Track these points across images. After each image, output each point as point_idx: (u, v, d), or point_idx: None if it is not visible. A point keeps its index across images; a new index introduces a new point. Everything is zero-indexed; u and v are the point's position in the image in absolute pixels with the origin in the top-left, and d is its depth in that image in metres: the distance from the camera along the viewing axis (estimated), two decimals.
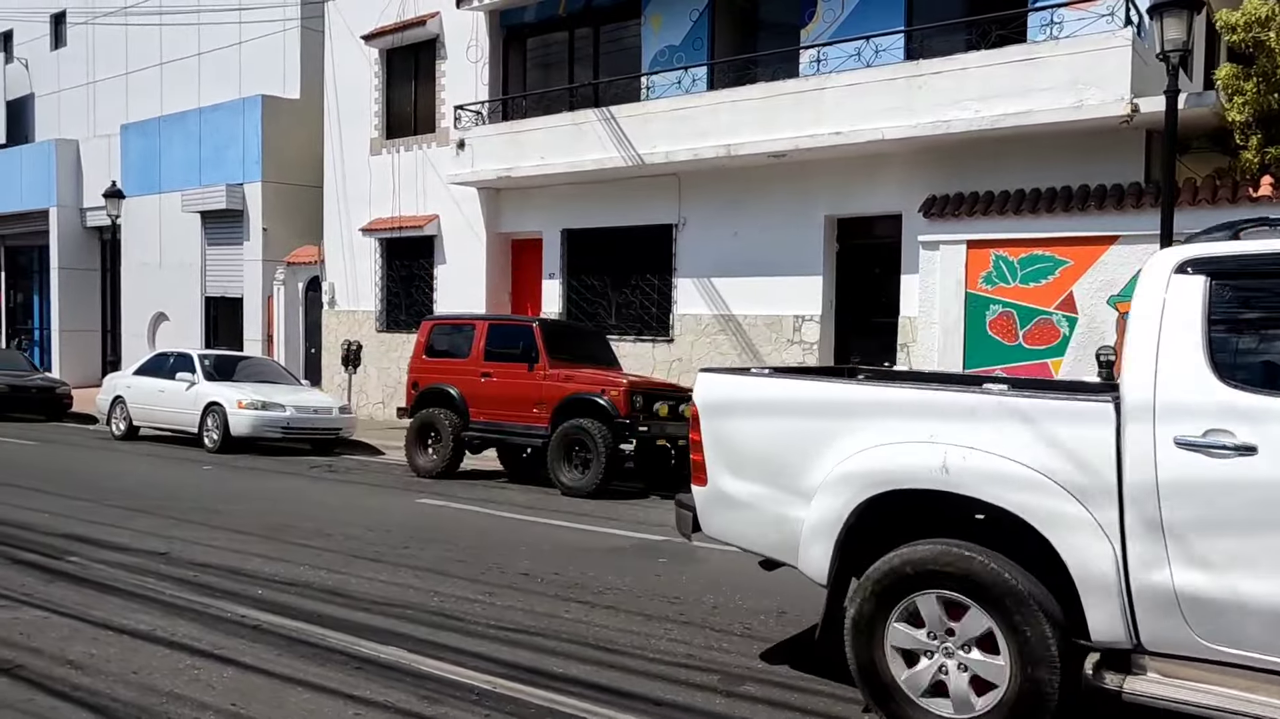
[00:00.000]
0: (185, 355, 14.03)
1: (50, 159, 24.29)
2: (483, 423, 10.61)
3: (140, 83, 23.69)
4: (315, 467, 11.88)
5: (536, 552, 7.06)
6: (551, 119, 14.06)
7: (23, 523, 7.73)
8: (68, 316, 24.51)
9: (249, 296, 19.61)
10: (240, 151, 19.58)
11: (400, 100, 17.03)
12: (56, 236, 24.27)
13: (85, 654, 4.64)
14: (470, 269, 15.88)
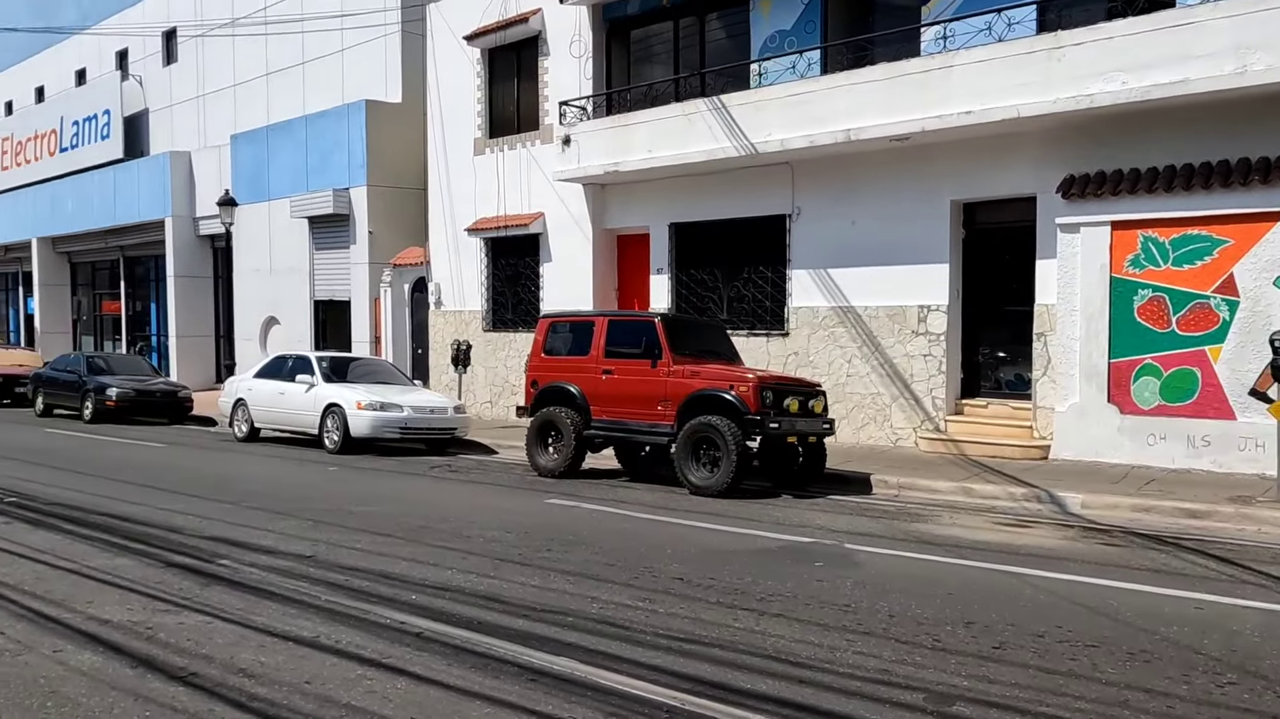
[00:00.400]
0: (304, 358, 14.26)
1: (165, 171, 25.19)
2: (605, 421, 10.41)
3: (248, 94, 24.36)
4: (435, 467, 11.88)
5: (683, 554, 6.79)
6: (659, 111, 13.80)
7: (171, 525, 7.83)
8: (183, 322, 25.39)
9: (356, 299, 19.92)
10: (345, 157, 19.90)
11: (503, 99, 17.02)
12: (172, 245, 25.15)
13: (255, 662, 4.56)
14: (576, 266, 15.75)
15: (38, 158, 31.77)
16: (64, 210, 29.40)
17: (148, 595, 5.75)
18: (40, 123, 31.71)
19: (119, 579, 6.14)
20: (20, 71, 34.15)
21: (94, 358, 19.87)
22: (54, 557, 6.81)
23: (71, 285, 31.96)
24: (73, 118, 29.99)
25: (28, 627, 5.17)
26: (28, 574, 6.31)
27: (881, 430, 12.57)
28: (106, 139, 28.34)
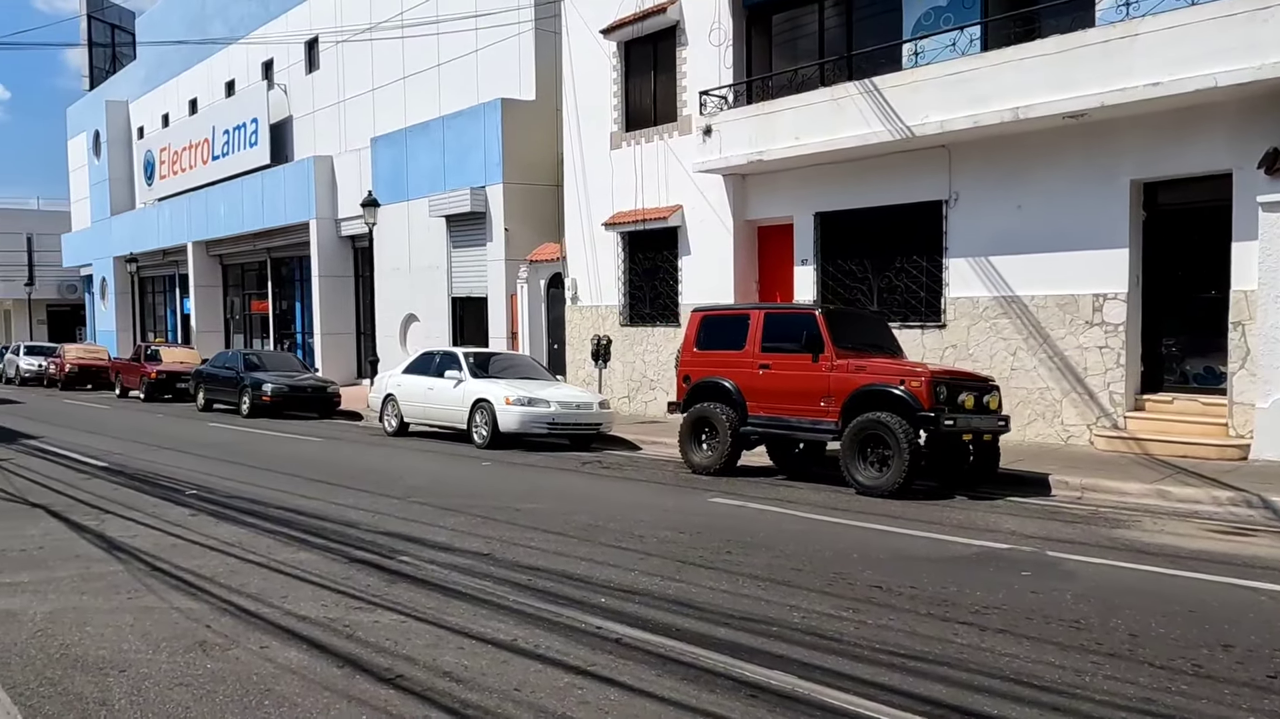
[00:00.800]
0: (450, 354, 14.46)
1: (309, 175, 26.19)
2: (762, 417, 10.09)
3: (385, 97, 25.04)
4: (586, 463, 11.80)
5: (872, 560, 6.42)
6: (805, 96, 13.34)
7: (345, 520, 7.95)
8: (327, 320, 26.36)
9: (493, 295, 20.18)
10: (481, 155, 20.17)
11: (640, 91, 16.86)
12: (316, 246, 26.14)
13: (458, 665, 4.45)
14: (716, 258, 15.45)
15: (192, 166, 33.63)
16: (216, 215, 31.00)
17: (338, 591, 5.77)
18: (194, 133, 33.55)
19: (307, 574, 6.21)
20: (175, 85, 36.22)
21: (249, 355, 20.81)
22: (242, 549, 6.97)
23: (223, 286, 33.72)
24: (223, 127, 31.58)
25: (231, 621, 5.24)
26: (221, 567, 6.46)
27: (1050, 427, 11.80)
28: (254, 146, 29.72)
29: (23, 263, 50.09)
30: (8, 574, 6.49)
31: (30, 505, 9.12)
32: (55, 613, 5.52)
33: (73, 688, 4.33)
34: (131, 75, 40.67)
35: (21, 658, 4.76)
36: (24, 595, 5.92)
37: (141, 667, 4.56)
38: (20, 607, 5.68)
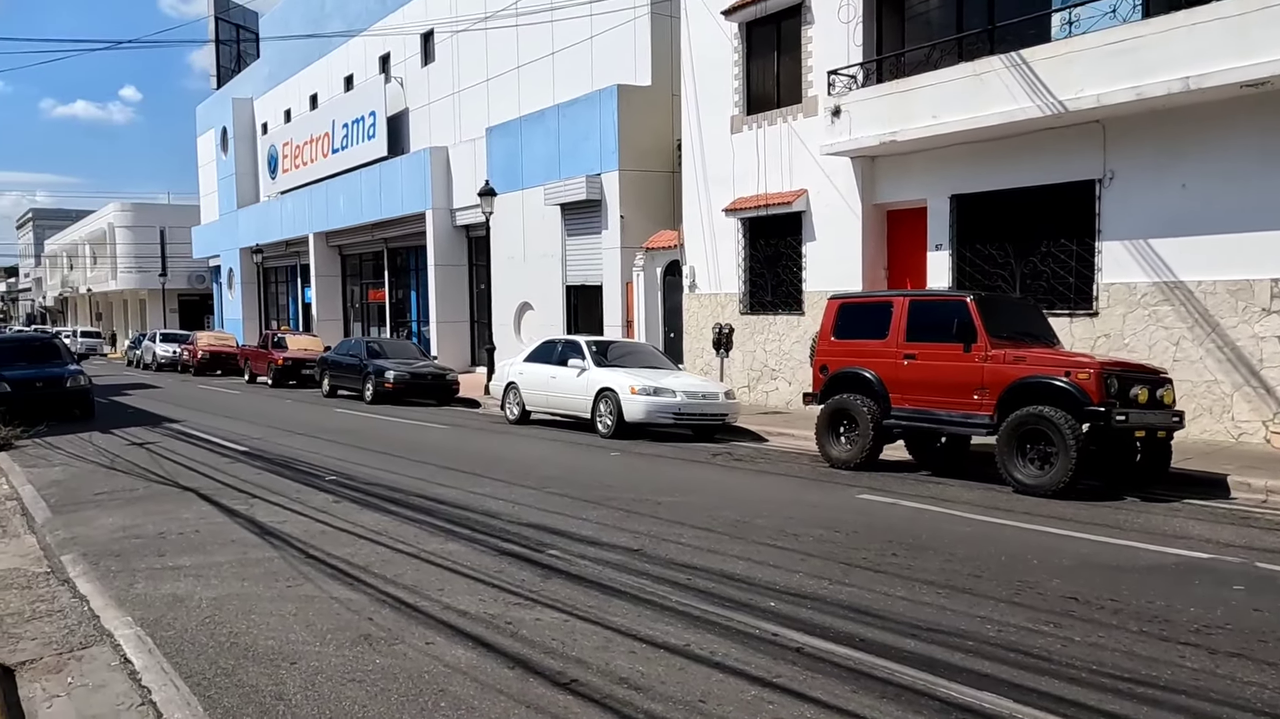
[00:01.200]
0: (573, 342, 14.37)
1: (425, 166, 26.61)
2: (907, 410, 9.58)
3: (500, 87, 25.20)
4: (716, 454, 11.51)
5: (1056, 567, 5.92)
6: (944, 73, 12.67)
7: (486, 510, 7.86)
8: (442, 309, 26.78)
9: (608, 283, 20.06)
10: (596, 143, 20.04)
11: (762, 74, 16.39)
12: (432, 236, 26.56)
13: (633, 671, 4.22)
14: (842, 244, 14.91)
15: (313, 159, 34.69)
16: (336, 207, 31.90)
17: (494, 585, 5.64)
18: (314, 127, 34.59)
19: (459, 566, 6.11)
20: (297, 82, 37.42)
21: (371, 343, 21.27)
22: (390, 538, 6.95)
23: (342, 276, 34.72)
24: (342, 121, 32.44)
25: (392, 614, 5.15)
26: (373, 556, 6.42)
27: (1219, 423, 10.90)
28: (372, 139, 30.41)
29: (156, 254, 52.86)
30: (170, 557, 6.62)
31: (181, 489, 9.39)
32: (220, 599, 5.56)
33: (247, 679, 4.29)
34: (256, 73, 42.25)
35: (194, 645, 4.76)
36: (188, 580, 6.00)
37: (311, 659, 4.50)
38: (186, 591, 5.75)
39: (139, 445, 12.95)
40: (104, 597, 5.74)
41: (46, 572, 6.56)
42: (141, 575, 6.16)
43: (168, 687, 4.23)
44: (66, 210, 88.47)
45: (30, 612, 5.62)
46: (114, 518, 8.07)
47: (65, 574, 6.41)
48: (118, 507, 8.59)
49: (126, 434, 14.38)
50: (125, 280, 55.33)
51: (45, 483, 10.19)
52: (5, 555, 7.13)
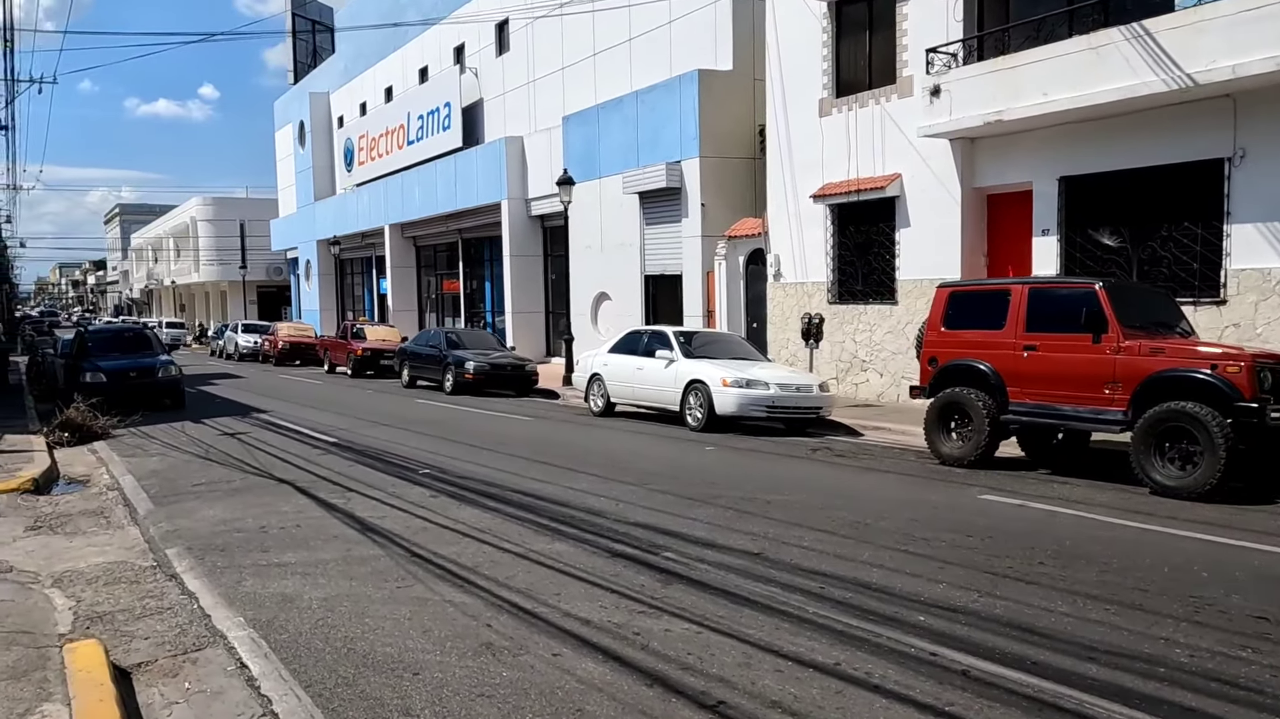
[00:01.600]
0: (660, 333, 14.03)
1: (500, 156, 26.53)
2: (1027, 405, 9.01)
3: (575, 76, 24.95)
4: (816, 450, 11.06)
5: (1231, 580, 5.38)
6: (1057, 47, 11.95)
7: (588, 507, 7.58)
8: (518, 299, 26.71)
9: (688, 273, 19.68)
10: (676, 129, 19.64)
11: (852, 54, 15.79)
12: (508, 226, 26.49)
13: (786, 693, 3.86)
14: (939, 230, 14.27)
15: (388, 151, 34.98)
16: (411, 198, 32.09)
17: (612, 590, 5.33)
18: (389, 119, 34.85)
19: (571, 568, 5.82)
20: (372, 75, 37.78)
21: (450, 334, 21.25)
22: (494, 537, 6.70)
23: (416, 267, 34.99)
24: (417, 112, 32.60)
25: (511, 621, 4.88)
26: (480, 557, 6.18)
27: None
28: (447, 130, 30.48)
29: (236, 247, 54.15)
30: (275, 553, 6.48)
31: (277, 481, 9.32)
32: (330, 600, 5.36)
33: (369, 690, 4.05)
34: (332, 68, 42.82)
35: (310, 651, 4.55)
36: (295, 578, 5.83)
37: (434, 670, 4.24)
38: (295, 590, 5.57)
39: (230, 436, 13.03)
40: (213, 594, 5.60)
41: (152, 565, 6.48)
42: (248, 572, 6.02)
43: (289, 697, 4.02)
44: (150, 205, 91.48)
45: (140, 608, 5.50)
46: (215, 510, 8.00)
47: (171, 569, 6.32)
48: (217, 499, 8.54)
49: (217, 424, 14.52)
50: (207, 273, 56.89)
51: (144, 473, 10.25)
52: (111, 548, 7.09)
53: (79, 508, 8.78)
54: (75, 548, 7.14)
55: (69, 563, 6.67)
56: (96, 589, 5.98)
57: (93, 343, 17.97)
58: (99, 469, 10.99)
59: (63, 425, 13.33)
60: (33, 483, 9.66)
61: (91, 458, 11.91)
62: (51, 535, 7.57)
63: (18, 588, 6.04)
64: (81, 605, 5.65)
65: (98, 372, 16.40)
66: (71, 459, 11.88)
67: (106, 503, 8.94)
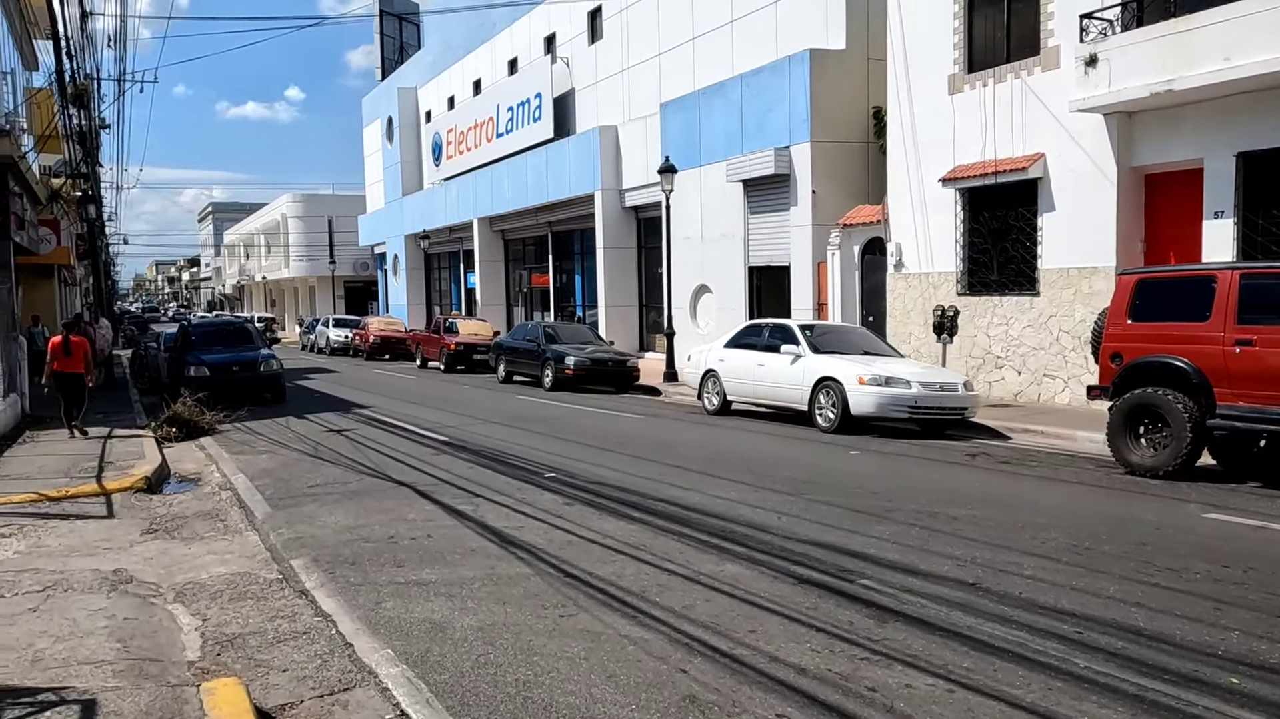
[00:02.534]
0: (783, 326, 13.10)
1: (594, 146, 25.87)
2: (1242, 409, 7.84)
3: (672, 62, 24.12)
4: (974, 455, 10.01)
5: None
6: (1242, 5, 10.64)
7: (750, 522, 6.75)
8: (611, 293, 26.03)
9: (796, 264, 18.69)
10: (785, 113, 18.65)
11: (989, 24, 14.60)
12: (601, 218, 25.82)
13: None
14: (1090, 214, 13.02)
15: (477, 145, 34.70)
16: (500, 191, 31.72)
17: (816, 628, 4.50)
18: (478, 113, 34.57)
19: (755, 597, 5.01)
20: (460, 68, 37.58)
21: (549, 328, 20.66)
22: (651, 555, 5.93)
23: (505, 261, 34.65)
24: (506, 104, 32.20)
25: (708, 666, 4.08)
26: (645, 579, 5.41)
27: None
28: (538, 121, 29.98)
29: (324, 243, 54.91)
30: (411, 568, 5.83)
31: (396, 483, 8.73)
32: (487, 630, 4.65)
33: None
34: (419, 62, 42.85)
35: (479, 699, 3.83)
36: (441, 600, 5.15)
37: None
38: (444, 616, 4.89)
39: (337, 432, 12.59)
40: (351, 618, 4.96)
41: (278, 578, 5.89)
42: (386, 591, 5.37)
43: None
44: (241, 204, 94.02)
45: (272, 631, 4.89)
46: (336, 515, 7.43)
47: (300, 583, 5.72)
48: (336, 502, 7.98)
49: (321, 420, 14.14)
50: (296, 268, 57.86)
51: (256, 471, 9.81)
52: (231, 556, 6.55)
53: (193, 509, 8.33)
54: (194, 555, 6.62)
55: (189, 573, 6.14)
56: (222, 605, 5.41)
57: (196, 336, 17.89)
58: (209, 467, 10.62)
59: (170, 420, 13.10)
60: (145, 481, 9.29)
61: (200, 454, 11.59)
62: (169, 540, 7.09)
63: (140, 603, 5.50)
64: (208, 625, 5.07)
65: (201, 365, 16.25)
66: (180, 455, 11.57)
67: (221, 504, 8.48)
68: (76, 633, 4.83)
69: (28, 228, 18.91)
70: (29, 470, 9.81)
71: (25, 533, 7.26)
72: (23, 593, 5.60)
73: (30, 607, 5.32)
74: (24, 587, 5.71)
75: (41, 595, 5.54)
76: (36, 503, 8.34)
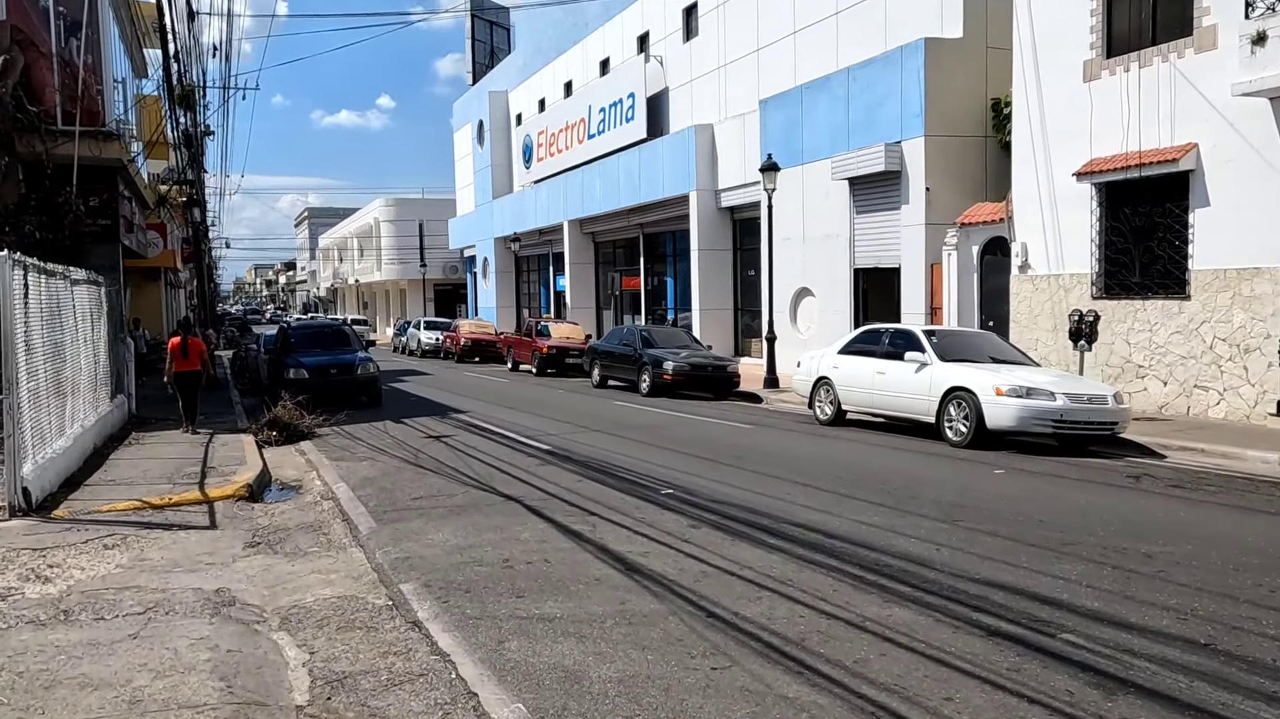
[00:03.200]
0: (906, 332, 12.19)
1: (690, 145, 25.22)
2: None
3: (771, 57, 23.31)
4: (1138, 477, 8.97)
5: None
6: None
7: (907, 554, 5.97)
8: (705, 295, 25.33)
9: (907, 265, 17.69)
10: (896, 107, 17.68)
11: (1130, 4, 13.42)
12: (696, 219, 25.15)
13: None
14: (1253, 209, 11.78)
15: (568, 146, 34.43)
16: (592, 193, 31.34)
17: (1028, 698, 3.74)
18: (569, 114, 34.29)
19: (942, 652, 4.25)
20: (551, 71, 37.40)
21: (645, 331, 20.07)
22: (801, 592, 5.22)
23: (594, 263, 34.28)
24: (598, 105, 31.81)
25: None
26: (802, 624, 4.71)
27: None
28: (630, 121, 29.49)
29: (415, 246, 55.66)
30: (531, 599, 5.25)
31: (503, 497, 8.22)
32: (628, 683, 4.02)
33: None
34: (510, 65, 42.91)
35: None
36: (570, 642, 4.55)
37: None
38: (577, 663, 4.28)
39: (436, 439, 12.21)
40: (472, 659, 4.40)
41: (388, 605, 5.39)
42: (508, 628, 4.80)
43: None
44: (335, 208, 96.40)
45: (386, 671, 4.36)
46: (444, 533, 6.93)
47: (411, 612, 5.19)
48: (443, 518, 7.50)
49: (418, 425, 13.82)
50: (388, 271, 58.80)
51: (357, 480, 9.44)
52: (337, 576, 6.08)
53: (295, 520, 7.96)
54: (298, 574, 6.19)
55: (294, 594, 5.69)
56: (329, 635, 4.92)
57: (295, 338, 17.85)
58: (310, 474, 10.31)
59: (271, 424, 12.93)
60: (247, 489, 8.99)
61: (300, 459, 11.33)
62: (271, 555, 6.69)
63: (244, 630, 5.05)
64: (316, 660, 4.58)
65: (300, 367, 16.16)
66: (280, 460, 11.33)
67: (323, 515, 8.09)
68: (177, 667, 4.38)
69: (136, 231, 19.26)
70: (134, 475, 9.64)
71: (129, 544, 6.97)
72: (124, 614, 5.23)
73: (131, 632, 4.93)
74: (125, 607, 5.34)
75: (142, 619, 5.15)
76: (140, 510, 8.09)
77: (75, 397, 10.53)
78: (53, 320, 9.55)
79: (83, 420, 10.75)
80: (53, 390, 9.36)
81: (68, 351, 10.18)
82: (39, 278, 8.98)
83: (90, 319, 11.84)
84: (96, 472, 9.80)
